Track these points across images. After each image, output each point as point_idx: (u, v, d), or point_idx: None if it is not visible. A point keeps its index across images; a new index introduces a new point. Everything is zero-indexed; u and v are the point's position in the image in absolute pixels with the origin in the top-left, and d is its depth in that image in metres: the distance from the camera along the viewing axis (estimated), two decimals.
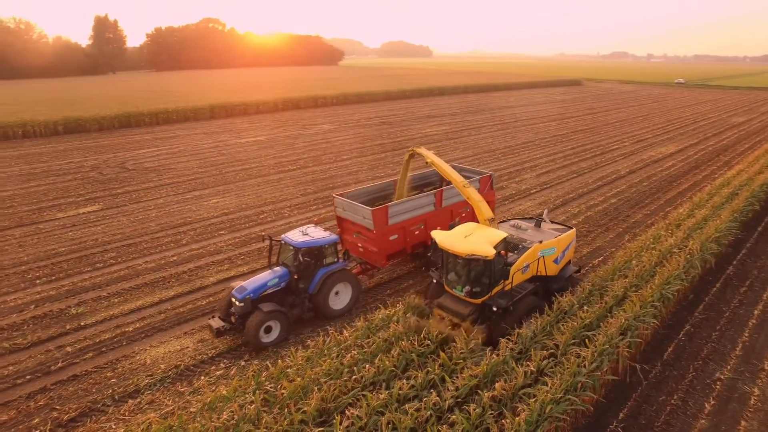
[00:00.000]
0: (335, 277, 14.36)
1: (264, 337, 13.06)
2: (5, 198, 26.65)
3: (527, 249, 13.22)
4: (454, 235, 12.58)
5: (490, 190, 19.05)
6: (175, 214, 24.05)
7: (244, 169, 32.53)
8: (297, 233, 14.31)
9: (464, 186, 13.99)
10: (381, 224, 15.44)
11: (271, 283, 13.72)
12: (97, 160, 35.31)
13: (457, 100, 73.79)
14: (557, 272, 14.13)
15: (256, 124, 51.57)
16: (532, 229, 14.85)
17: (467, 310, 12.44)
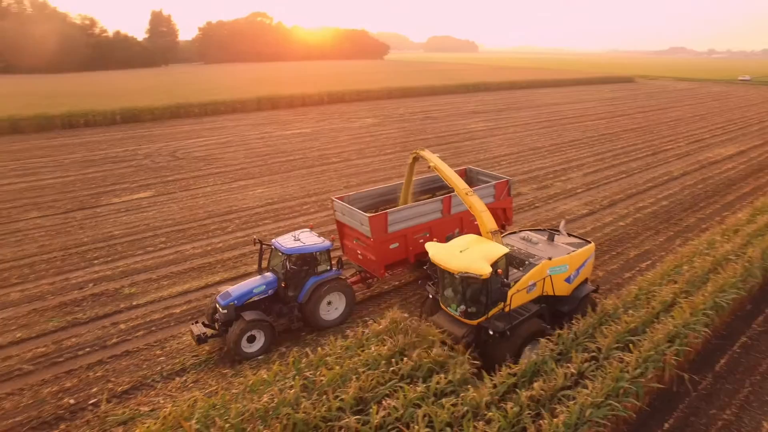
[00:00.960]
0: (327, 286, 13.45)
1: (246, 347, 12.36)
2: (68, 183, 28.25)
3: (534, 266, 11.91)
4: (448, 249, 11.45)
5: (507, 196, 17.78)
6: (221, 202, 24.84)
7: (289, 161, 33.18)
8: (288, 238, 13.55)
9: (467, 194, 12.69)
10: (379, 232, 14.36)
11: (258, 290, 12.98)
12: (150, 149, 36.85)
13: (502, 96, 72.53)
14: (569, 292, 12.64)
15: (301, 117, 52.40)
16: (544, 243, 13.35)
17: (462, 331, 11.26)
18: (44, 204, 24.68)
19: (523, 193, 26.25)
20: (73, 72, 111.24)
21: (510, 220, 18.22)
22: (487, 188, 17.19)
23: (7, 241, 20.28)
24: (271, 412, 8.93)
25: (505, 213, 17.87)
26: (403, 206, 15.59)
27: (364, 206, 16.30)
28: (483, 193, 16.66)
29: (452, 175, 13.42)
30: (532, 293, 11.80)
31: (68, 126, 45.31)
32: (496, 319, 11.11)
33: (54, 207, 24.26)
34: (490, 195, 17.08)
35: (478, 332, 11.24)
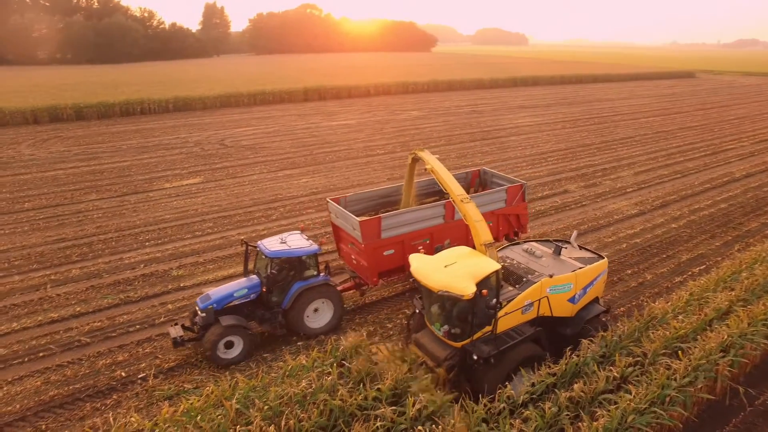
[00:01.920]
0: (313, 292, 12.83)
1: (224, 352, 11.91)
2: (124, 168, 29.62)
3: (532, 284, 10.68)
4: (432, 263, 10.32)
5: (521, 201, 16.53)
6: (267, 190, 25.42)
7: (334, 151, 33.53)
8: (275, 240, 12.99)
9: (461, 200, 11.53)
10: (371, 237, 13.53)
11: (239, 293, 12.50)
12: (200, 137, 38.08)
13: (552, 91, 70.56)
14: (573, 313, 11.39)
15: (347, 108, 52.78)
16: (549, 257, 12.02)
17: (444, 353, 10.18)
18: (103, 187, 25.99)
19: (570, 191, 25.53)
20: (132, 62, 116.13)
21: (524, 227, 17.07)
22: (498, 192, 16.07)
23: (69, 221, 21.52)
24: (309, 398, 9.11)
25: (519, 219, 16.78)
26: (399, 211, 14.58)
27: (363, 208, 15.61)
28: (493, 198, 15.86)
29: (449, 179, 12.06)
30: (529, 314, 10.64)
31: (126, 114, 47.44)
32: (482, 342, 9.97)
33: (111, 190, 25.51)
34: (501, 200, 16.02)
35: (464, 355, 10.09)
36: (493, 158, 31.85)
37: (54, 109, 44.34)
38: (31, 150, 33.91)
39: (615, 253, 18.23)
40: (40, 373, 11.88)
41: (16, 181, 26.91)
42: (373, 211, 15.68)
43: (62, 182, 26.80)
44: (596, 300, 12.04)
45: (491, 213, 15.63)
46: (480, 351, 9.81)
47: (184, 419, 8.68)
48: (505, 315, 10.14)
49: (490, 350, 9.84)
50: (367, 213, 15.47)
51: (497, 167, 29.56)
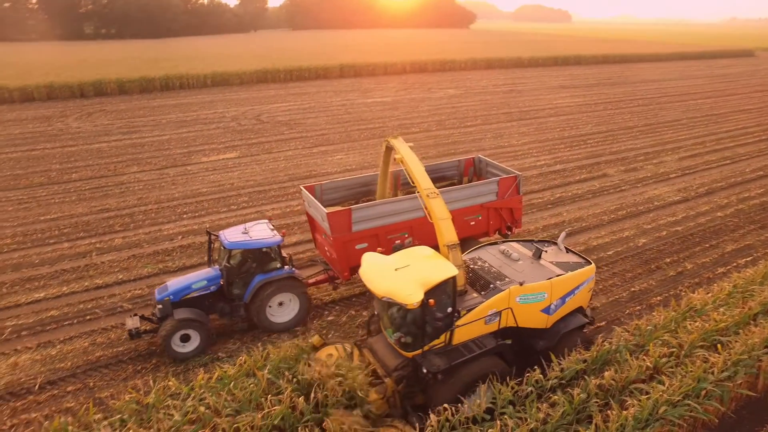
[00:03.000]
0: (275, 286, 12.16)
1: (179, 346, 11.47)
2: (164, 141, 30.38)
3: (500, 292, 9.69)
4: (383, 265, 9.42)
5: (516, 194, 15.47)
6: (301, 166, 25.65)
7: (369, 129, 33.44)
8: (237, 230, 12.43)
9: (427, 195, 10.52)
10: (341, 230, 12.78)
11: (198, 285, 12.00)
12: (236, 112, 38.57)
13: (595, 71, 67.98)
14: (548, 325, 10.36)
15: (383, 85, 52.34)
16: (526, 261, 10.93)
17: (395, 363, 9.41)
18: (144, 160, 26.78)
19: (609, 175, 24.75)
20: (172, 37, 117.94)
21: (518, 222, 15.97)
22: (488, 184, 15.03)
23: (112, 192, 22.33)
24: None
25: (513, 214, 15.71)
26: (373, 202, 13.69)
27: (340, 197, 15.00)
28: (482, 190, 14.91)
29: (418, 171, 11.09)
30: (493, 325, 9.69)
31: (166, 88, 48.43)
32: (435, 354, 9.09)
33: (151, 163, 26.26)
34: (491, 192, 15.02)
35: (416, 366, 9.26)
36: (530, 139, 31.13)
37: (99, 84, 45.70)
38: (78, 123, 35.15)
39: (653, 241, 17.67)
40: (88, 335, 12.62)
41: (65, 153, 28.01)
42: (353, 201, 14.99)
43: (106, 155, 27.74)
44: (580, 310, 10.86)
45: (480, 206, 14.81)
46: (430, 364, 8.91)
47: (218, 386, 9.03)
48: (464, 325, 9.23)
49: (441, 364, 8.93)
50: (345, 202, 14.83)
51: (533, 149, 28.94)
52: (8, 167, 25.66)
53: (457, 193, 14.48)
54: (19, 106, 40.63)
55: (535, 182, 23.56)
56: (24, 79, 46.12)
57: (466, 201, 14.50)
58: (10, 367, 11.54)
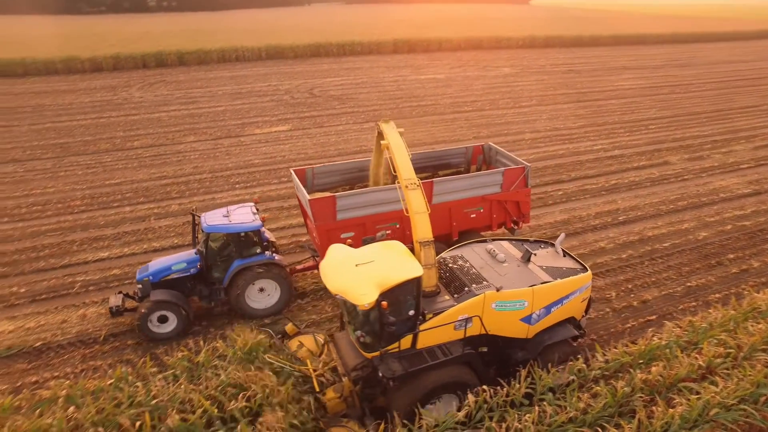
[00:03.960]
0: (254, 271, 11.97)
1: (157, 326, 11.56)
2: (219, 113, 31.23)
3: (474, 296, 8.96)
4: (345, 259, 8.81)
5: (523, 187, 14.33)
6: (351, 141, 25.78)
7: (420, 106, 33.08)
8: (219, 213, 12.24)
9: (406, 186, 9.87)
10: (324, 217, 12.30)
11: (177, 267, 11.94)
12: (290, 86, 39.01)
13: (663, 51, 63.97)
14: (530, 335, 9.55)
15: (437, 62, 51.41)
16: (512, 263, 10.08)
17: (354, 362, 8.95)
18: (200, 130, 27.68)
19: (671, 163, 23.48)
20: (229, 10, 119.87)
21: (526, 216, 14.83)
22: (492, 175, 13.99)
23: (170, 160, 23.28)
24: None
25: (519, 208, 14.61)
26: (360, 190, 13.14)
27: (334, 182, 14.52)
28: (485, 181, 13.95)
29: (402, 159, 10.43)
30: (464, 331, 8.97)
31: (222, 60, 49.55)
32: (396, 358, 8.59)
33: (207, 133, 27.11)
34: (495, 183, 14.02)
35: (376, 368, 8.68)
36: (587, 122, 29.87)
37: (160, 55, 47.37)
38: (140, 93, 36.64)
39: (716, 235, 16.73)
40: None
41: (128, 121, 29.35)
42: (348, 186, 14.46)
43: (165, 124, 28.86)
44: (571, 320, 9.98)
45: (482, 198, 13.86)
46: (386, 369, 8.42)
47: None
48: (429, 329, 8.63)
49: (398, 370, 8.42)
50: (338, 188, 14.43)
51: (590, 132, 27.81)
52: (79, 133, 27.20)
53: (456, 182, 13.71)
54: (90, 75, 42.75)
55: (589, 167, 22.70)
56: (94, 50, 48.36)
57: (467, 192, 13.67)
58: (80, 318, 12.55)
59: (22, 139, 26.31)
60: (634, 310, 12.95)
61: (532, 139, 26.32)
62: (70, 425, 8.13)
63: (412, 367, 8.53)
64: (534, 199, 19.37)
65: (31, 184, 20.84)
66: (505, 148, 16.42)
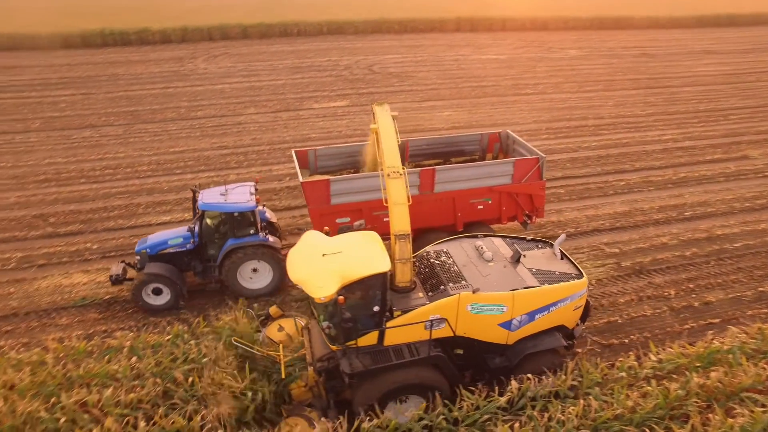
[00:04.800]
0: (246, 252, 12.03)
1: (151, 298, 12.00)
2: (278, 86, 31.76)
3: (449, 296, 8.52)
4: (313, 247, 8.58)
5: (537, 179, 13.50)
6: (409, 120, 25.56)
7: (480, 86, 32.27)
8: (217, 191, 12.32)
9: (388, 174, 9.36)
10: (318, 201, 12.17)
11: (174, 241, 12.25)
12: (349, 61, 38.98)
13: (754, 34, 58.79)
14: (510, 341, 9.01)
15: (499, 42, 49.79)
16: (500, 263, 9.49)
17: (321, 353, 8.87)
18: (260, 102, 28.30)
19: (751, 158, 21.80)
20: None
21: (540, 210, 14.03)
22: (501, 165, 13.31)
23: (230, 131, 24.01)
24: None
25: (532, 201, 13.78)
26: (355, 174, 12.81)
27: (337, 165, 14.24)
28: (494, 171, 13.25)
29: (389, 145, 9.93)
30: (438, 331, 8.52)
31: (284, 34, 50.17)
32: (360, 354, 8.36)
33: (266, 106, 27.69)
34: (505, 174, 13.29)
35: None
36: (657, 110, 28.13)
37: (224, 28, 48.60)
38: (205, 64, 37.79)
39: None
40: None
41: (192, 92, 30.42)
42: (353, 170, 14.10)
43: (227, 95, 29.68)
44: (560, 329, 9.34)
45: (489, 189, 13.22)
46: (347, 364, 8.29)
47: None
48: (397, 327, 8.33)
49: (359, 367, 8.23)
50: (343, 171, 14.19)
51: (659, 121, 26.24)
52: (148, 102, 28.50)
53: (461, 171, 13.19)
54: (160, 47, 44.45)
55: (656, 158, 21.47)
56: (163, 22, 50.18)
57: (473, 181, 13.09)
58: None
59: (98, 106, 27.88)
60: (695, 311, 12.30)
61: (595, 126, 25.14)
62: (133, 373, 8.82)
63: (375, 365, 8.31)
64: (592, 188, 18.66)
65: (104, 149, 22.14)
66: (566, 134, 15.78)
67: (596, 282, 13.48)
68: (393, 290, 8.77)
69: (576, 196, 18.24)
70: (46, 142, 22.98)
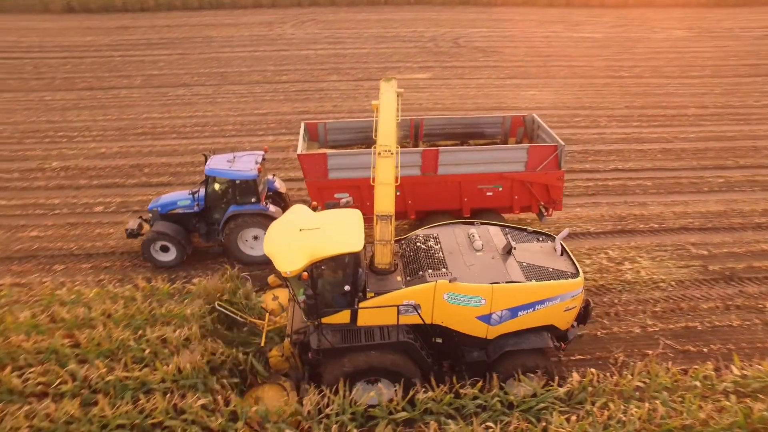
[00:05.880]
0: (246, 219, 12.30)
1: (160, 254, 12.73)
2: (362, 54, 31.82)
3: (425, 283, 8.28)
4: (295, 220, 8.60)
5: (555, 169, 12.49)
6: (491, 96, 24.83)
7: (570, 66, 30.52)
8: (225, 158, 12.67)
9: (379, 153, 9.15)
10: (315, 174, 12.15)
11: (182, 203, 12.81)
12: (435, 33, 38.17)
13: None
14: (490, 336, 8.65)
15: (596, 19, 46.58)
16: (489, 253, 9.08)
17: (298, 325, 9.00)
18: (343, 70, 28.55)
19: None
20: None
21: (557, 203, 13.07)
22: (514, 150, 12.52)
23: (312, 97, 24.50)
24: None
25: (549, 192, 12.83)
26: (354, 150, 12.67)
27: (346, 140, 13.93)
28: (506, 156, 12.51)
29: (386, 124, 9.64)
30: (410, 317, 8.34)
31: (371, 3, 49.81)
32: (333, 331, 8.37)
33: (349, 74, 27.90)
34: (518, 160, 12.44)
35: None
36: None
37: None
38: (292, 30, 38.56)
39: None
40: None
41: (279, 56, 31.24)
42: (363, 146, 13.65)
43: (312, 61, 30.20)
44: (550, 329, 8.86)
45: (499, 175, 12.48)
46: (314, 339, 8.42)
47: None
48: (369, 308, 8.25)
49: (326, 344, 8.29)
50: (355, 146, 13.85)
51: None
52: (236, 64, 29.66)
53: (467, 154, 12.72)
54: (251, 11, 45.79)
55: (767, 155, 19.41)
56: None
57: (481, 166, 12.47)
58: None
59: (192, 66, 29.42)
60: None
61: (696, 116, 23.04)
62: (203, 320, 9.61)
63: (342, 344, 8.36)
64: (684, 183, 17.30)
65: (195, 107, 23.45)
66: (660, 123, 14.59)
67: (677, 283, 12.63)
68: (372, 271, 8.75)
69: (664, 189, 16.98)
70: (145, 98, 24.72)
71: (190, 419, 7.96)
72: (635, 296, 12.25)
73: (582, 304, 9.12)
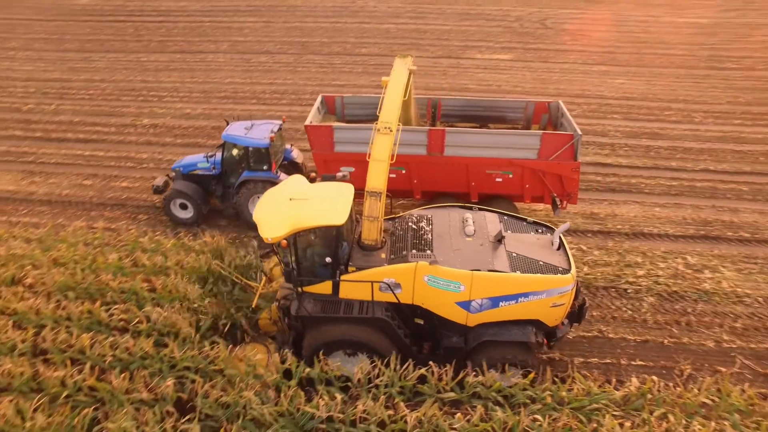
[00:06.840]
0: (257, 185, 12.87)
1: (179, 211, 13.62)
2: (444, 32, 31.14)
3: (406, 263, 8.35)
4: (289, 190, 8.97)
5: (569, 159, 11.74)
6: (575, 83, 23.59)
7: (667, 55, 28.24)
8: (243, 125, 13.23)
9: (378, 129, 8.97)
10: (321, 146, 12.40)
11: (202, 165, 13.57)
12: (522, 13, 36.53)
13: None
14: (470, 323, 8.62)
15: (705, 2, 42.59)
16: (478, 240, 8.90)
17: (285, 291, 9.16)
18: (422, 46, 28.12)
19: None
20: None
21: (572, 196, 12.36)
22: (526, 136, 12.06)
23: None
24: None
25: (562, 183, 12.09)
26: (361, 125, 12.38)
27: (363, 114, 13.68)
28: (515, 141, 11.98)
29: (390, 101, 9.47)
30: (386, 295, 8.51)
31: None
32: (311, 299, 8.69)
33: (429, 51, 27.46)
34: (530, 147, 11.84)
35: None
36: None
37: None
38: (375, 2, 38.29)
39: None
40: None
41: (360, 29, 31.26)
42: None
43: (392, 36, 29.98)
44: (537, 324, 8.63)
45: (509, 161, 12.02)
46: (295, 306, 8.73)
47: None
48: (351, 282, 8.50)
49: (302, 311, 8.60)
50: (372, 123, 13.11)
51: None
52: (318, 35, 30.05)
53: (475, 137, 12.29)
54: None
55: None
56: None
57: (490, 150, 12.06)
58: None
59: (276, 34, 30.14)
60: None
61: None
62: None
63: (320, 313, 8.67)
64: None
65: (275, 74, 24.12)
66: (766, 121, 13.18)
67: (764, 300, 11.60)
68: (360, 246, 8.97)
69: (762, 197, 15.52)
70: (229, 63, 25.73)
71: (250, 371, 8.45)
72: (713, 308, 11.43)
73: (578, 303, 8.96)
